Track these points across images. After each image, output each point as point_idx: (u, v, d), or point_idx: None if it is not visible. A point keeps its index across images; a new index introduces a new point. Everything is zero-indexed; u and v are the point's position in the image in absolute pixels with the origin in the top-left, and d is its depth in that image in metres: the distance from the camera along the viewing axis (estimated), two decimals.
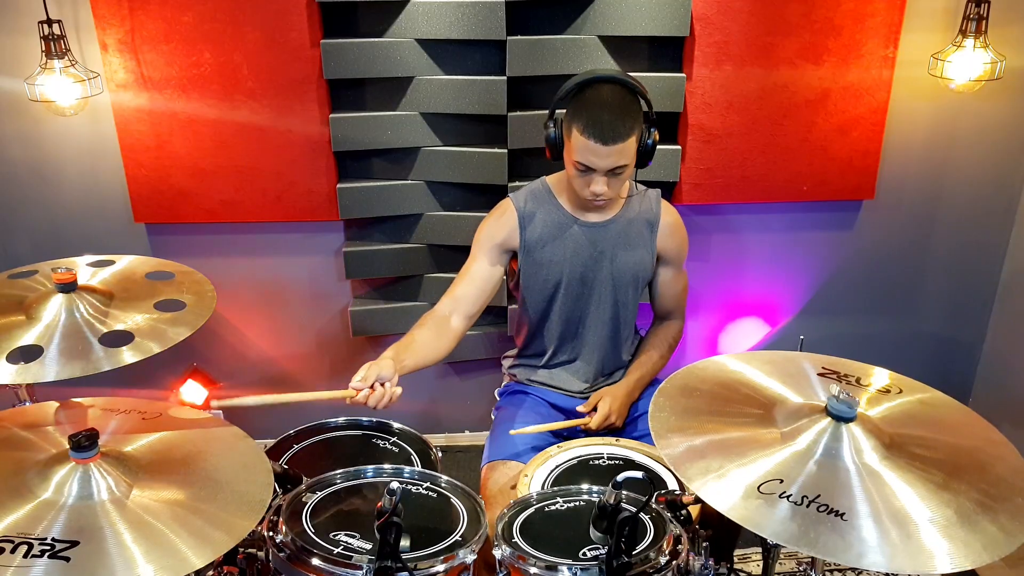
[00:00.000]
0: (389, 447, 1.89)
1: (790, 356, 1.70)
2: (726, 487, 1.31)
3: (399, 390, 1.78)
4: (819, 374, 1.62)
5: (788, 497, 1.29)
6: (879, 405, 1.54)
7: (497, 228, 2.05)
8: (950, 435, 1.49)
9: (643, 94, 1.92)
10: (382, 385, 1.76)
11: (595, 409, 2.04)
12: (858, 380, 1.62)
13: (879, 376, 1.65)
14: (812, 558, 1.59)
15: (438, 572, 1.42)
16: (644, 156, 1.93)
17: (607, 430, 2.04)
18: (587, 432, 2.05)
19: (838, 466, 1.36)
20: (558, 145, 1.95)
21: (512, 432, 1.95)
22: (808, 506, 1.28)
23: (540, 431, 1.99)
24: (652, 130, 1.93)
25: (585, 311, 2.10)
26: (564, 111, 1.93)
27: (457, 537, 1.50)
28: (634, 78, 1.92)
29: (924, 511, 1.29)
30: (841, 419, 1.41)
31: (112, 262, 2.03)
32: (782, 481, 1.32)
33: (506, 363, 2.31)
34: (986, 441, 1.49)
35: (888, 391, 1.59)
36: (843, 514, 1.27)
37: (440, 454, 1.87)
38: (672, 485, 1.75)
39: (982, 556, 1.23)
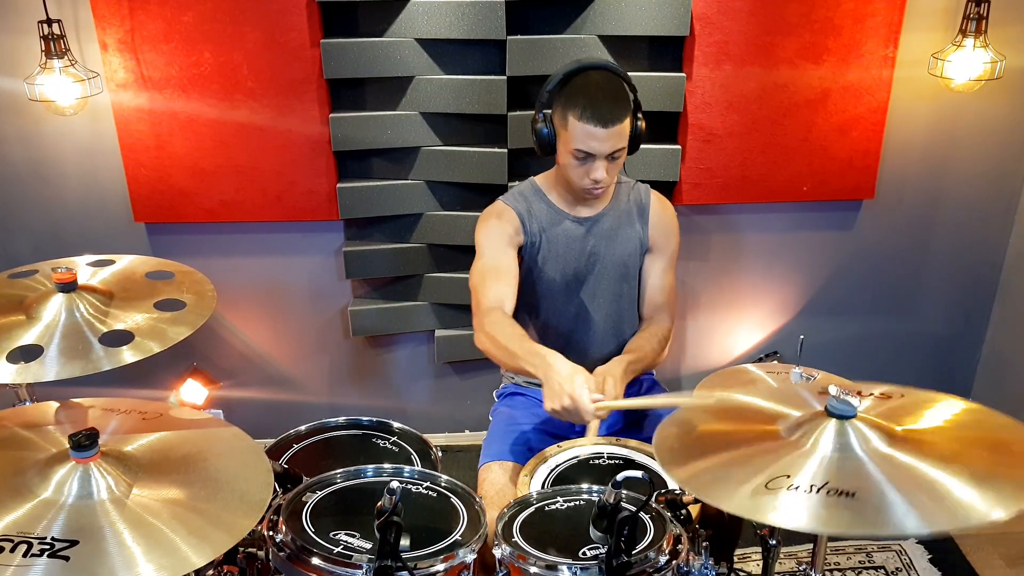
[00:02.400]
0: (389, 447, 1.89)
1: (787, 388, 1.70)
2: (748, 494, 1.30)
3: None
4: (820, 392, 1.62)
5: (815, 489, 1.28)
6: (879, 407, 1.54)
7: (504, 225, 2.02)
8: (953, 420, 1.49)
9: (627, 79, 1.93)
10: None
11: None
12: (858, 393, 1.62)
13: (878, 387, 1.65)
14: (812, 558, 1.60)
15: (438, 572, 1.42)
16: (634, 141, 1.94)
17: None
18: (583, 433, 2.04)
19: (850, 456, 1.35)
20: (550, 140, 1.95)
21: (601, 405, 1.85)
22: (829, 494, 1.26)
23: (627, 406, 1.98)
24: (639, 114, 1.94)
25: (581, 307, 2.10)
26: (550, 108, 1.92)
27: (457, 537, 1.50)
28: (615, 64, 1.94)
29: (944, 474, 1.28)
30: (843, 417, 1.41)
31: (112, 262, 2.03)
32: (789, 476, 1.31)
33: None
34: (994, 426, 1.49)
35: (890, 396, 1.59)
36: (853, 493, 1.26)
37: (440, 454, 1.87)
38: (672, 485, 1.75)
39: (1018, 500, 1.22)
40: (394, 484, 1.35)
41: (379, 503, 1.36)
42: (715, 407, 1.59)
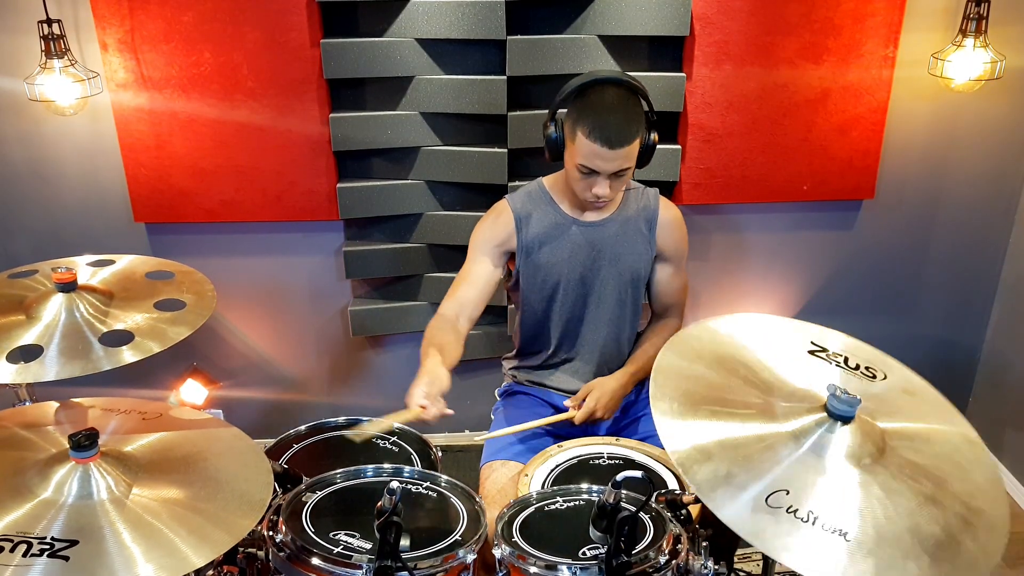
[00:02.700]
0: (389, 447, 1.89)
1: (780, 323, 1.69)
2: (739, 502, 1.29)
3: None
4: (809, 351, 1.61)
5: (795, 512, 1.26)
6: (867, 396, 1.53)
7: (494, 230, 2.05)
8: (936, 440, 1.48)
9: (645, 95, 1.91)
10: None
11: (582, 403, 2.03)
12: (846, 360, 1.62)
13: (861, 352, 1.64)
14: None
15: (438, 572, 1.42)
16: (643, 156, 1.93)
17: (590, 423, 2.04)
18: (584, 432, 2.04)
19: (830, 471, 1.34)
20: (559, 146, 1.95)
21: (480, 438, 1.99)
22: (814, 523, 1.26)
23: (517, 431, 1.97)
24: (652, 131, 1.93)
25: (584, 311, 2.10)
26: (565, 112, 1.92)
27: (457, 537, 1.50)
28: (635, 79, 1.92)
29: (917, 535, 1.27)
30: (842, 418, 1.40)
31: (112, 262, 2.03)
32: (788, 492, 1.29)
33: (506, 364, 2.30)
34: (963, 440, 1.49)
35: (874, 376, 1.59)
36: (846, 533, 1.25)
37: (440, 454, 1.87)
38: (672, 484, 1.75)
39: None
40: (394, 484, 1.35)
41: (379, 503, 1.36)
42: (714, 360, 1.55)
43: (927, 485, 1.35)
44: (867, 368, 1.60)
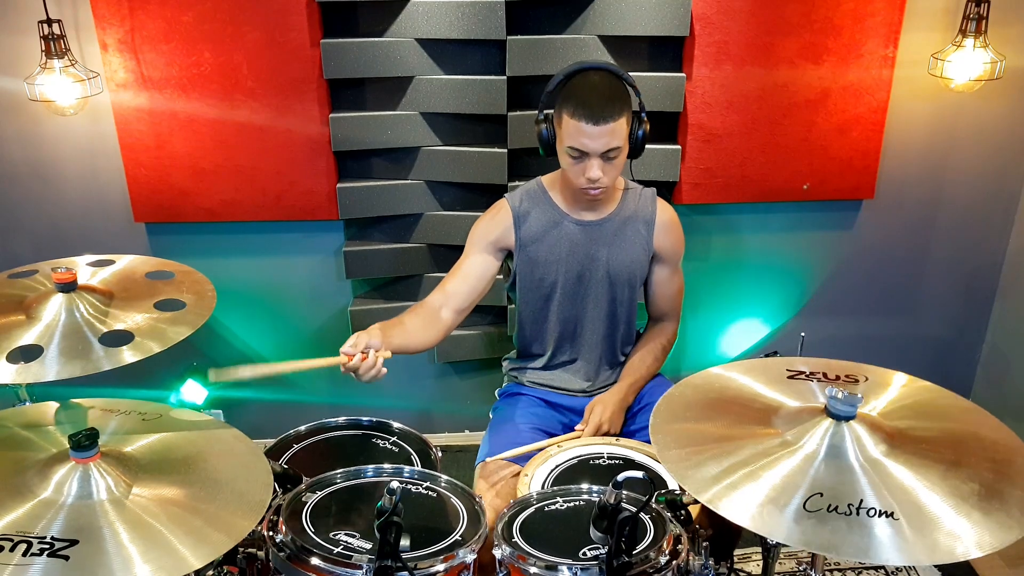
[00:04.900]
0: (389, 447, 1.89)
1: (763, 363, 1.70)
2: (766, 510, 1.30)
3: (388, 354, 1.78)
4: (788, 377, 1.62)
5: (835, 509, 1.28)
6: (879, 402, 1.54)
7: (491, 227, 2.05)
8: (944, 419, 1.50)
9: (630, 82, 1.92)
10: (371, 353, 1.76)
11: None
12: (824, 375, 1.63)
13: (834, 365, 1.65)
14: (812, 558, 1.59)
15: (438, 572, 1.42)
16: (636, 145, 1.94)
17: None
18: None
19: (853, 467, 1.36)
20: (550, 140, 1.95)
21: (496, 458, 1.94)
22: (858, 514, 1.27)
23: (529, 451, 1.93)
24: (643, 117, 1.93)
25: (582, 310, 2.10)
26: (551, 109, 1.94)
27: (457, 537, 1.50)
28: (619, 67, 1.93)
29: (939, 500, 1.29)
30: (843, 418, 1.41)
31: (112, 262, 2.04)
32: (823, 495, 1.30)
33: (506, 364, 2.31)
34: (959, 410, 1.52)
35: (856, 380, 1.61)
36: (892, 513, 1.26)
37: (440, 454, 1.87)
38: (672, 485, 1.75)
39: (1006, 536, 1.23)
40: (394, 484, 1.35)
41: (379, 503, 1.36)
42: (702, 414, 1.56)
43: (947, 453, 1.37)
44: (847, 376, 1.61)
